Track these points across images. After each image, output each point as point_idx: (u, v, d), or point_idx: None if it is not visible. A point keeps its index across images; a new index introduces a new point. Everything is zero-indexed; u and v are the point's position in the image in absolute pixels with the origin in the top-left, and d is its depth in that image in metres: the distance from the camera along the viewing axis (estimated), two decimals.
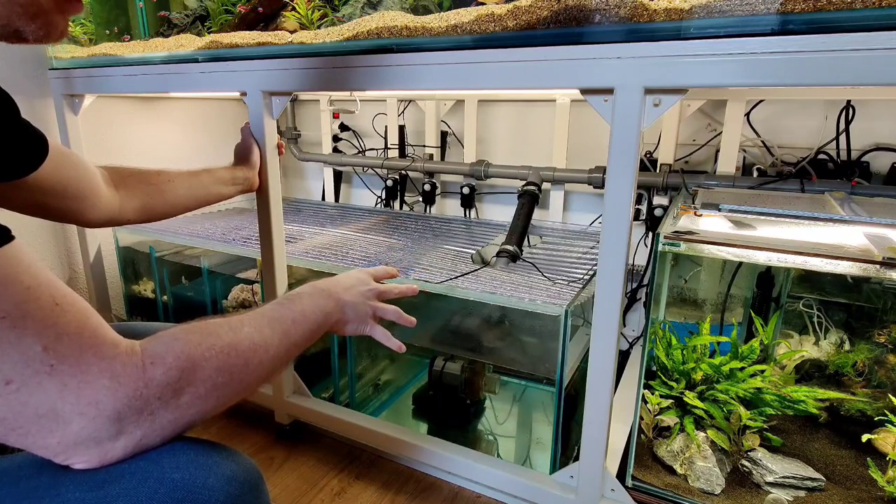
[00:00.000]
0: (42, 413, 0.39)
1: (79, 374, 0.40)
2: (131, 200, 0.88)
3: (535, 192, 1.49)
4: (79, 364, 0.41)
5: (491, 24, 0.83)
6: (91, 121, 1.52)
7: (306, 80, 1.02)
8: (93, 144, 1.54)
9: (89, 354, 0.41)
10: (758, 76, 0.68)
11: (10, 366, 0.38)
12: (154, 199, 0.91)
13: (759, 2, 0.67)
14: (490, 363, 1.24)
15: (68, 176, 0.74)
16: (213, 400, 0.49)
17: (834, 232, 0.88)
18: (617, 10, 0.75)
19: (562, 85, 0.80)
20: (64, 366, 0.40)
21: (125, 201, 0.87)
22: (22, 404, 0.39)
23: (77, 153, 0.80)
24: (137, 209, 0.89)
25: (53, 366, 0.39)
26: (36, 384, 0.39)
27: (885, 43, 0.60)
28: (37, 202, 0.72)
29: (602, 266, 0.83)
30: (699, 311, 1.20)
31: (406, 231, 1.57)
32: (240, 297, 1.38)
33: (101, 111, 1.56)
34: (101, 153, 1.59)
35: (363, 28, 0.94)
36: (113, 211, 0.84)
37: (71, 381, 0.40)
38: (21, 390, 0.38)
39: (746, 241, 0.80)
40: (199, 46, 1.14)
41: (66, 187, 0.74)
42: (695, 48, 0.70)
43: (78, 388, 0.40)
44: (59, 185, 0.73)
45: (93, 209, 0.80)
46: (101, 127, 1.58)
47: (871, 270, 0.71)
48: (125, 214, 0.87)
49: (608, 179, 0.80)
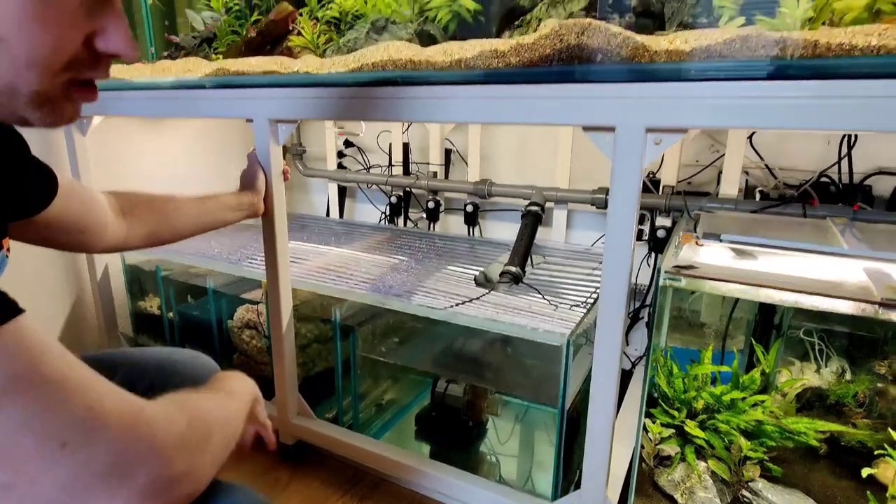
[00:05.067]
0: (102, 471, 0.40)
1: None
2: (138, 228, 0.89)
3: (538, 212, 1.50)
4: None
5: (494, 60, 0.84)
6: (99, 139, 1.53)
7: (312, 109, 1.03)
8: (100, 163, 1.55)
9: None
10: (757, 120, 0.69)
11: (63, 427, 0.39)
12: (161, 227, 0.93)
13: (759, 46, 0.68)
14: (492, 389, 1.24)
15: (76, 210, 0.76)
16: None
17: (834, 266, 0.88)
18: (619, 50, 0.76)
19: (564, 122, 0.81)
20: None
21: (132, 229, 0.88)
22: (82, 464, 0.40)
23: (85, 185, 0.82)
24: (144, 236, 0.91)
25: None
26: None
27: (882, 91, 0.61)
28: (44, 237, 0.74)
29: (603, 308, 0.84)
30: (701, 335, 1.21)
31: (410, 250, 1.58)
32: (245, 317, 1.39)
33: (110, 130, 1.58)
34: (109, 172, 1.60)
35: (368, 60, 0.96)
36: (119, 240, 0.86)
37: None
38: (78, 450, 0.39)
39: (746, 278, 0.81)
40: (205, 73, 1.15)
41: (75, 222, 0.76)
42: (695, 91, 0.71)
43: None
44: (68, 221, 0.74)
45: (99, 240, 0.82)
46: (109, 146, 1.60)
47: (870, 311, 0.72)
48: (131, 242, 0.89)
49: (609, 215, 0.81)
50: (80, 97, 0.50)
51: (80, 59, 0.47)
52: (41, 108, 0.47)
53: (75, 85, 0.49)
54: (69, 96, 0.48)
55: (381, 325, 1.26)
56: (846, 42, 0.63)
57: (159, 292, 1.56)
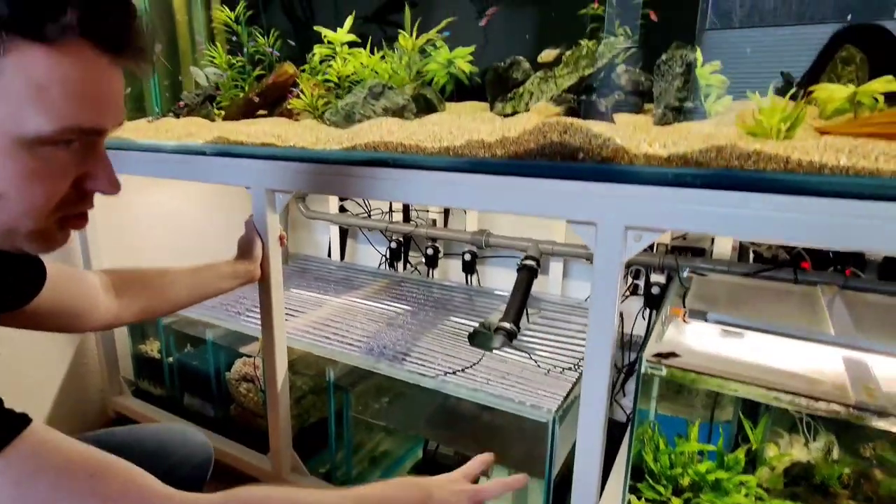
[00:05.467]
0: None
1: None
2: (131, 305, 0.91)
3: (533, 266, 1.52)
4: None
5: (480, 150, 0.87)
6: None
7: (307, 182, 1.06)
8: (107, 214, 1.59)
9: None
10: (732, 229, 0.70)
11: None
12: (154, 302, 0.95)
13: (733, 158, 0.70)
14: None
15: (66, 297, 0.78)
16: None
17: (816, 354, 0.89)
18: (599, 150, 0.78)
19: (547, 214, 0.83)
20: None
21: (124, 307, 0.90)
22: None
23: (75, 270, 0.83)
24: (137, 312, 0.93)
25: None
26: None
27: (847, 211, 0.63)
28: (34, 324, 0.76)
29: (584, 405, 0.85)
30: (691, 403, 1.21)
31: (407, 299, 1.61)
32: (242, 370, 1.41)
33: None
34: (116, 223, 1.64)
35: (361, 140, 0.98)
36: (111, 318, 0.88)
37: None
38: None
39: (724, 372, 0.82)
40: (207, 140, 1.19)
41: (63, 309, 0.78)
42: (672, 195, 0.73)
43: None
44: (56, 308, 0.77)
45: (90, 322, 0.84)
46: (115, 197, 1.64)
47: (844, 413, 0.73)
48: (124, 318, 0.91)
49: (591, 302, 0.82)
50: (70, 227, 0.54)
51: (70, 199, 0.51)
52: (37, 241, 0.52)
53: (67, 219, 0.52)
54: (61, 228, 0.53)
55: (373, 385, 1.27)
56: (816, 160, 0.65)
57: (160, 339, 1.59)
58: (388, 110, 1.21)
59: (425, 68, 1.33)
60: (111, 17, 0.48)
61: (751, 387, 0.79)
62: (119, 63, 0.51)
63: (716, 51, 1.28)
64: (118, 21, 0.49)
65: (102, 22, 0.47)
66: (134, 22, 0.50)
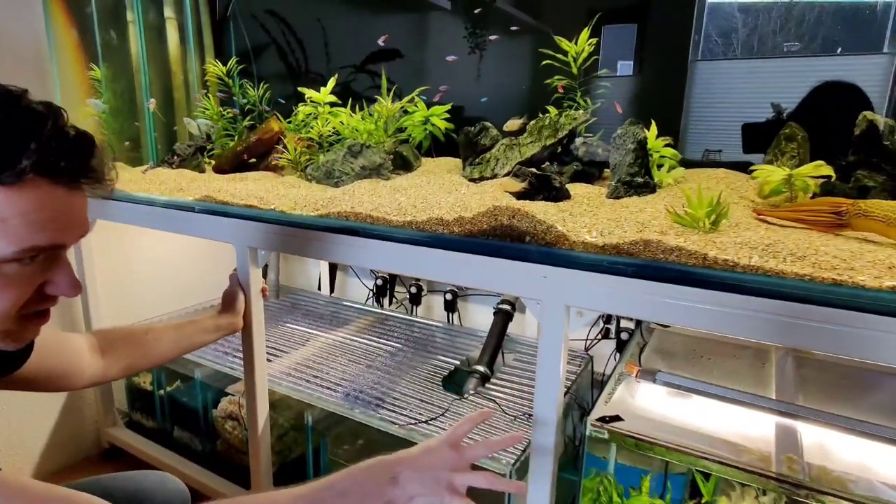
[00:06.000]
0: None
1: None
2: (116, 363, 0.98)
3: (509, 311, 1.58)
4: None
5: (440, 227, 0.94)
6: (104, 234, 1.65)
7: (285, 244, 1.13)
8: (105, 257, 1.67)
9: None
10: (667, 316, 0.77)
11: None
12: (138, 359, 1.02)
13: (659, 251, 0.76)
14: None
15: (52, 364, 0.85)
16: None
17: (753, 419, 0.95)
18: (544, 235, 0.84)
19: (498, 290, 0.90)
20: None
21: (110, 365, 0.97)
22: None
23: (62, 335, 0.90)
24: (122, 369, 1.00)
25: None
26: None
27: (753, 307, 0.69)
28: (22, 387, 0.83)
29: (533, 471, 0.91)
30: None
31: (389, 338, 1.67)
32: (228, 409, 1.48)
33: (115, 226, 1.70)
34: (113, 265, 1.72)
35: (334, 209, 1.06)
36: (97, 376, 0.95)
37: None
38: None
39: (660, 439, 0.88)
40: (196, 197, 1.27)
41: (51, 372, 0.85)
42: (605, 281, 0.79)
43: None
44: (44, 372, 0.84)
45: (76, 381, 0.91)
46: (113, 240, 1.71)
47: (765, 483, 0.79)
48: (110, 375, 0.98)
49: (538, 371, 0.89)
50: (34, 325, 0.62)
51: (32, 302, 0.59)
52: (3, 340, 0.60)
53: (29, 317, 0.60)
54: (26, 326, 0.61)
55: (349, 429, 1.34)
56: (731, 258, 0.72)
57: (152, 374, 1.66)
58: (365, 168, 1.29)
59: (405, 123, 1.41)
60: (64, 158, 0.55)
61: (681, 455, 0.85)
62: (76, 189, 0.58)
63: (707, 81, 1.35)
64: (72, 160, 0.56)
65: (56, 163, 0.55)
66: (91, 157, 0.58)
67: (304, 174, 1.37)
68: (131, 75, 1.71)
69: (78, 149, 0.57)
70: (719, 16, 1.32)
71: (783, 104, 1.24)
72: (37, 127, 0.54)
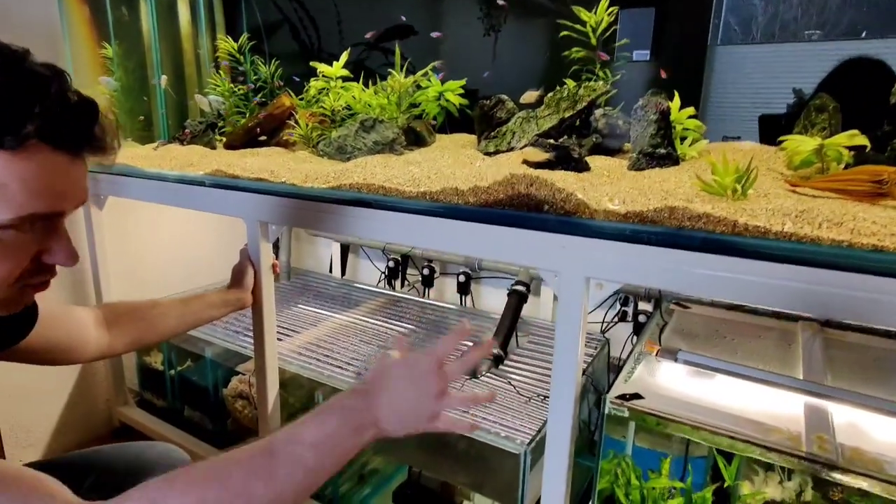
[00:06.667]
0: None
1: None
2: (122, 337, 0.97)
3: (523, 292, 1.55)
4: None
5: (454, 197, 0.91)
6: (115, 211, 1.64)
7: (296, 217, 1.11)
8: (116, 234, 1.66)
9: None
10: (686, 286, 0.73)
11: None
12: (144, 333, 1.00)
13: (685, 218, 0.73)
14: (455, 484, 1.29)
15: (56, 336, 0.84)
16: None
17: (781, 399, 0.91)
18: (563, 203, 0.81)
19: (514, 261, 0.87)
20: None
21: (115, 339, 0.95)
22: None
23: (67, 308, 0.89)
24: (127, 343, 0.98)
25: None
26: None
27: (784, 275, 0.65)
28: (26, 359, 0.82)
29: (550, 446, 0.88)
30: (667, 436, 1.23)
31: (401, 320, 1.65)
32: (238, 388, 1.47)
33: (125, 203, 1.69)
34: (124, 242, 1.71)
35: (346, 181, 1.03)
36: (102, 350, 0.94)
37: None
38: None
39: (685, 417, 0.85)
40: (206, 171, 1.25)
41: (55, 345, 0.84)
42: (628, 251, 0.76)
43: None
44: (48, 344, 0.83)
45: (80, 355, 0.90)
46: (124, 217, 1.71)
47: (795, 463, 0.75)
48: (115, 349, 0.97)
49: (556, 348, 0.86)
50: (33, 292, 0.61)
51: (30, 271, 0.57)
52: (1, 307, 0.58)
53: (27, 286, 0.58)
54: (23, 295, 0.60)
55: None
56: (762, 225, 0.68)
57: (163, 353, 1.65)
58: (378, 143, 1.26)
59: (418, 98, 1.37)
60: (68, 125, 0.53)
61: (705, 433, 0.82)
62: (77, 157, 0.56)
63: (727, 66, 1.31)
64: (75, 127, 0.54)
65: (59, 130, 0.53)
66: (94, 124, 0.56)
67: (315, 150, 1.35)
68: (143, 53, 1.69)
69: (81, 115, 0.55)
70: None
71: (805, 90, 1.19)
72: (40, 90, 0.52)
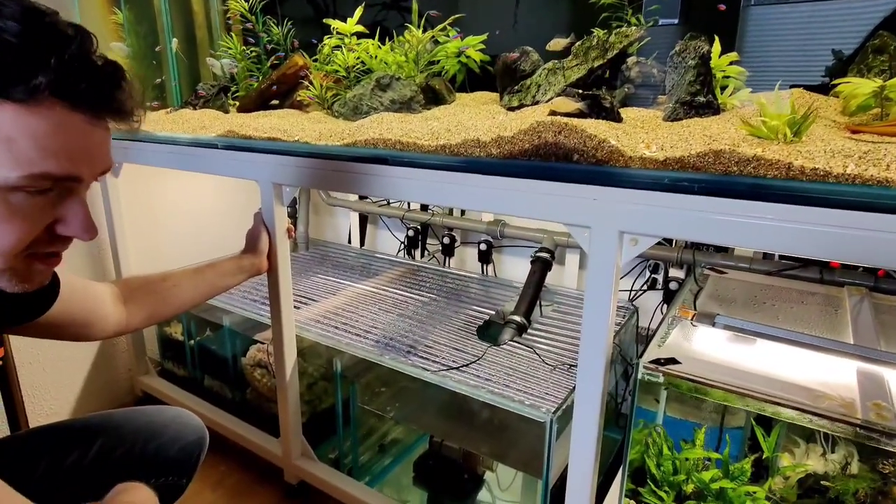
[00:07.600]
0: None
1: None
2: (138, 312, 0.93)
3: (547, 259, 1.49)
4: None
5: (476, 150, 0.85)
6: (131, 178, 1.62)
7: (310, 177, 1.06)
8: (132, 201, 1.64)
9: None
10: (732, 238, 0.67)
11: None
12: (159, 307, 0.97)
13: (732, 163, 0.66)
14: (478, 454, 1.25)
15: (77, 309, 0.81)
16: None
17: (829, 365, 0.84)
18: (594, 152, 0.75)
19: (540, 217, 0.80)
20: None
21: (132, 314, 0.92)
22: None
23: (87, 283, 0.86)
24: (144, 318, 0.95)
25: None
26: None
27: (855, 222, 0.58)
28: (46, 334, 0.79)
29: (579, 399, 0.84)
30: (701, 406, 1.17)
31: (421, 289, 1.60)
32: (256, 356, 1.45)
33: (141, 170, 1.67)
34: (140, 209, 1.69)
35: (361, 136, 0.97)
36: (120, 326, 0.90)
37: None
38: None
39: (726, 382, 0.79)
40: (218, 133, 1.20)
41: (75, 320, 0.81)
42: (667, 201, 0.69)
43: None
44: (68, 319, 0.79)
45: (99, 331, 0.87)
46: (140, 184, 1.69)
47: (850, 432, 0.69)
48: (132, 325, 0.93)
49: (585, 309, 0.80)
50: (43, 267, 0.56)
51: (41, 241, 0.53)
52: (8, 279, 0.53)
53: (38, 257, 0.53)
54: (32, 267, 0.54)
55: (379, 377, 1.28)
56: (821, 168, 0.61)
57: (182, 323, 1.64)
58: (395, 102, 1.20)
59: (437, 56, 1.30)
60: (87, 82, 0.49)
61: (749, 399, 0.76)
62: (97, 120, 0.51)
63: (761, 27, 1.21)
64: (95, 85, 0.49)
65: (76, 86, 0.48)
66: (117, 88, 0.51)
67: (330, 111, 1.29)
68: (153, 17, 1.64)
69: (104, 76, 0.51)
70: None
71: (845, 51, 1.09)
72: (59, 44, 0.47)
